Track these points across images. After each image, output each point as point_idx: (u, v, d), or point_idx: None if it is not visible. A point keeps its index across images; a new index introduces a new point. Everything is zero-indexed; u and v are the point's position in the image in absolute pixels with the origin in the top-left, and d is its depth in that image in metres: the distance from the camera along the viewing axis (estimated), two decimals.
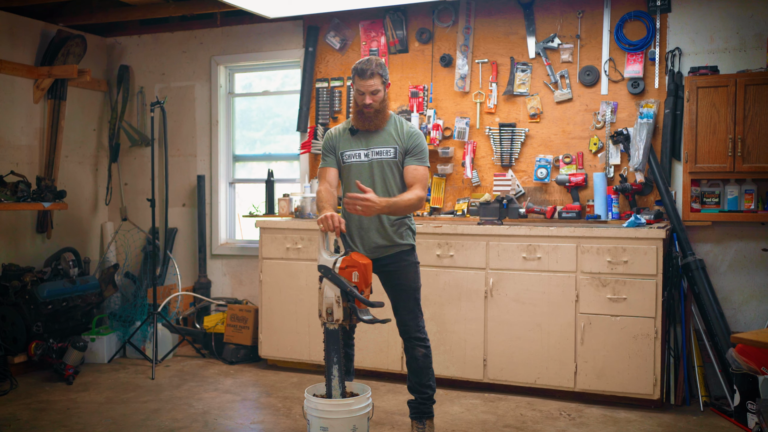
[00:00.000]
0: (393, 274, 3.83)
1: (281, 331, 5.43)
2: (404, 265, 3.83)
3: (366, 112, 3.76)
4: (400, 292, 3.84)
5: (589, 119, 5.22)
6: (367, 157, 3.81)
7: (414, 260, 3.88)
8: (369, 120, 3.78)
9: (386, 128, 3.84)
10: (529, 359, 4.72)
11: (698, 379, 4.70)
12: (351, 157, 3.84)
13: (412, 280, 3.84)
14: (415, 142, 3.81)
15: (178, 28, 6.55)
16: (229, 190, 6.54)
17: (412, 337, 3.83)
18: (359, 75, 3.71)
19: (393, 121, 3.87)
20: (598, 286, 4.55)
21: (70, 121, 6.33)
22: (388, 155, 3.79)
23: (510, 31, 5.43)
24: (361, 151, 3.83)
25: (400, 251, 3.83)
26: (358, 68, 3.71)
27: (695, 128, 4.72)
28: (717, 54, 4.92)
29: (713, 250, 4.93)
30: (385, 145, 3.80)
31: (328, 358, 3.60)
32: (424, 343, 3.84)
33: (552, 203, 5.29)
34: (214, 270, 6.45)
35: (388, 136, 3.81)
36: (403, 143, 3.80)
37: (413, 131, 3.83)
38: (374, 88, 3.71)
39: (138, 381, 5.25)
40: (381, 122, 3.80)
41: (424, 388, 3.86)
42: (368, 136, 3.84)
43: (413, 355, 3.83)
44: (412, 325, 3.83)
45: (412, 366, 3.86)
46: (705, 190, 4.85)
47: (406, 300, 3.83)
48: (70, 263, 5.85)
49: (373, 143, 3.82)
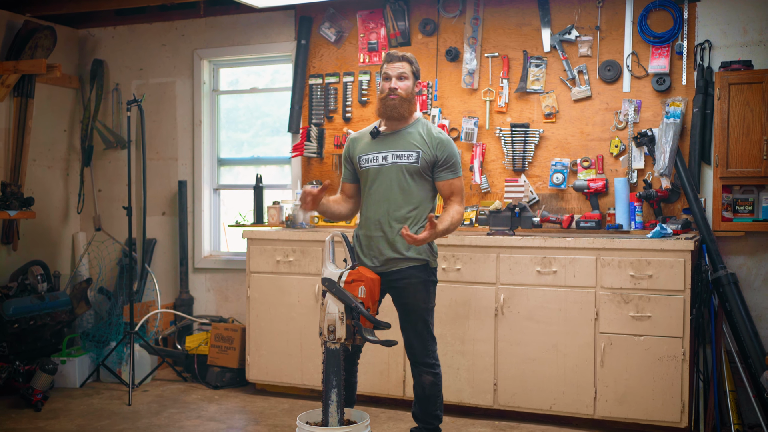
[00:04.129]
0: (402, 291, 3.84)
1: (271, 353, 5.45)
2: (415, 282, 3.83)
3: (390, 100, 3.82)
4: (408, 311, 3.85)
5: (609, 119, 5.25)
6: (386, 161, 3.83)
7: (428, 278, 3.88)
8: (392, 109, 3.82)
9: (411, 130, 3.88)
10: (544, 383, 4.74)
11: (730, 405, 4.71)
12: (368, 162, 3.88)
13: (422, 299, 3.85)
14: (447, 150, 3.85)
15: (157, 19, 6.59)
16: (213, 197, 6.57)
17: (420, 362, 3.85)
18: (387, 60, 3.90)
19: (420, 124, 3.91)
20: (620, 302, 4.57)
21: (38, 121, 6.36)
22: (410, 160, 3.81)
23: (523, 22, 5.46)
24: (379, 155, 3.86)
25: (412, 266, 3.84)
26: (387, 54, 3.93)
27: (727, 129, 4.74)
28: (751, 47, 4.95)
29: (746, 264, 4.95)
30: (407, 149, 3.83)
31: (326, 381, 3.61)
32: (433, 370, 3.84)
33: (569, 211, 5.31)
34: (196, 285, 6.47)
35: (412, 140, 3.85)
36: (431, 150, 3.83)
37: (443, 138, 3.87)
38: (401, 71, 3.85)
39: (113, 407, 5.26)
40: (407, 113, 3.86)
41: (430, 418, 3.87)
42: (390, 139, 3.87)
43: (420, 382, 3.85)
44: (420, 348, 3.84)
45: (418, 393, 3.87)
46: (737, 197, 4.88)
47: (414, 321, 3.84)
48: (38, 278, 5.87)
49: (394, 146, 3.85)
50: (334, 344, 3.58)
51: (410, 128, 3.88)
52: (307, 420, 3.71)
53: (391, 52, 3.91)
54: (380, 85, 3.92)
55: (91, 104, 6.68)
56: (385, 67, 3.89)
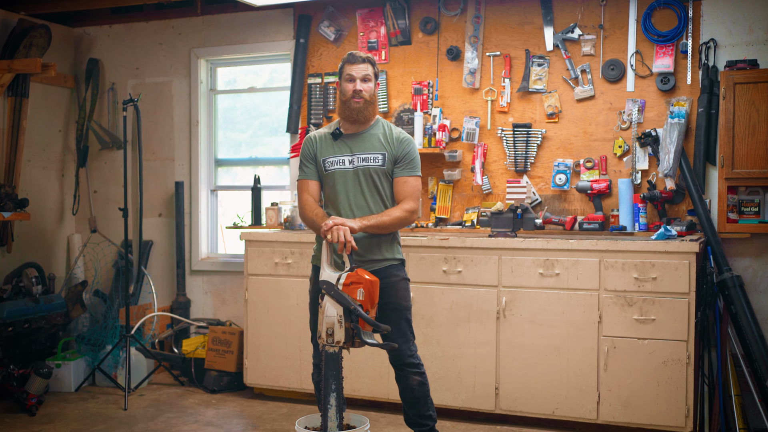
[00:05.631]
0: (383, 291, 3.81)
1: (269, 356, 5.47)
2: (394, 281, 3.87)
3: (354, 103, 3.85)
4: (390, 311, 3.85)
5: (613, 119, 5.27)
6: (352, 164, 3.87)
7: (404, 276, 3.93)
8: (358, 112, 3.85)
9: (373, 131, 3.92)
10: (547, 388, 4.77)
11: (735, 410, 4.73)
12: (334, 164, 3.89)
13: (403, 298, 3.89)
14: (405, 149, 3.89)
15: (153, 17, 6.61)
16: (210, 199, 6.60)
17: (405, 363, 3.86)
18: (349, 61, 3.91)
19: (380, 125, 3.96)
20: (624, 305, 4.60)
21: (33, 121, 6.39)
22: (376, 162, 3.86)
23: (525, 20, 5.49)
24: (345, 158, 3.88)
25: (389, 266, 3.88)
26: (348, 55, 3.93)
27: (732, 129, 4.77)
28: (757, 46, 4.98)
29: (752, 266, 4.98)
30: (372, 151, 3.87)
31: (325, 385, 3.63)
32: (418, 369, 3.87)
33: (572, 213, 5.34)
34: (194, 288, 6.50)
35: (375, 141, 3.89)
36: (392, 150, 3.87)
37: (403, 137, 3.91)
38: (365, 73, 3.88)
39: (109, 412, 5.29)
40: (370, 115, 3.90)
41: (424, 420, 3.89)
42: (353, 141, 3.90)
43: (408, 384, 3.86)
44: (404, 349, 3.85)
45: (408, 397, 3.88)
46: (743, 198, 4.90)
47: (397, 321, 3.85)
48: (32, 280, 5.90)
49: (358, 148, 3.89)
50: (332, 348, 3.60)
51: (372, 129, 3.92)
52: (305, 424, 3.73)
53: (354, 53, 3.93)
54: (341, 89, 3.92)
55: (87, 104, 6.70)
56: (348, 68, 3.89)
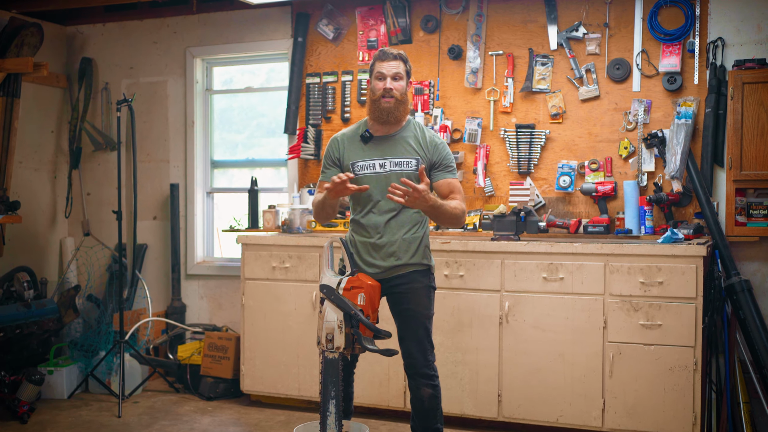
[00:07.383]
0: (402, 297, 3.83)
1: (266, 363, 5.48)
2: (416, 287, 3.84)
3: (385, 103, 3.77)
4: (409, 318, 3.83)
5: (618, 120, 5.28)
6: (384, 168, 3.81)
7: (429, 283, 3.90)
8: (388, 113, 3.78)
9: (404, 134, 3.86)
10: (551, 394, 4.78)
11: (744, 417, 4.73)
12: (364, 169, 3.83)
13: (424, 306, 3.85)
14: (442, 153, 3.86)
15: (148, 15, 6.63)
16: (206, 201, 6.61)
17: (419, 373, 3.82)
18: (380, 57, 3.83)
19: (412, 127, 3.89)
20: (629, 310, 4.60)
21: (24, 121, 6.40)
22: (410, 167, 3.80)
23: (528, 18, 5.51)
24: (375, 161, 3.83)
25: (414, 271, 3.85)
26: (379, 51, 3.85)
27: (740, 130, 4.78)
28: (765, 45, 4.99)
29: (761, 270, 4.98)
30: (405, 155, 3.82)
31: (324, 391, 3.62)
32: (432, 381, 3.83)
33: (576, 216, 5.35)
34: (189, 292, 6.50)
35: (407, 145, 3.83)
36: (427, 155, 3.83)
37: (438, 141, 3.88)
38: (396, 71, 3.80)
39: (102, 419, 5.30)
40: (401, 116, 3.83)
41: None
42: (384, 144, 3.84)
43: (419, 395, 3.83)
44: (420, 359, 3.82)
45: (417, 407, 3.87)
46: (752, 200, 4.91)
47: (415, 328, 3.83)
48: (24, 284, 5.89)
49: (390, 153, 3.83)
50: (332, 353, 3.59)
51: (404, 132, 3.86)
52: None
53: (386, 50, 3.85)
54: (371, 87, 3.84)
55: (80, 104, 6.71)
56: (378, 65, 3.82)
